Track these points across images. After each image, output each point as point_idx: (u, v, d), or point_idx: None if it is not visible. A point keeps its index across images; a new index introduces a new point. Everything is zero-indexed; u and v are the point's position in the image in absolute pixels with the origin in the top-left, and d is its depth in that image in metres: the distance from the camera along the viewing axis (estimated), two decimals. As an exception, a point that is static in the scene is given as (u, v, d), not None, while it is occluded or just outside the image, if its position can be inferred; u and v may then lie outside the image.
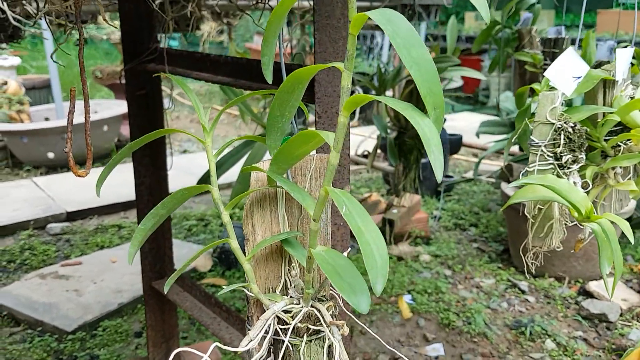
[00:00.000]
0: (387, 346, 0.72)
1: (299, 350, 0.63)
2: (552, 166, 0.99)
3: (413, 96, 2.60)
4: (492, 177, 4.11)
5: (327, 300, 0.66)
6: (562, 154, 0.98)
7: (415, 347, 2.17)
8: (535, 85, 1.09)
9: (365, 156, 4.51)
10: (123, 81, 1.63)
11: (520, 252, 1.04)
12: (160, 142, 1.71)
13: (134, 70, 1.59)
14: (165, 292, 0.63)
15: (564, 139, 0.98)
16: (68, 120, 0.60)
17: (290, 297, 0.65)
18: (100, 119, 4.41)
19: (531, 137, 1.01)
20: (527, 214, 1.03)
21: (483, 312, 2.36)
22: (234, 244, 0.62)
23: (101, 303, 2.45)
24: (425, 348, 2.16)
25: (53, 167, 4.45)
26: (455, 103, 7.19)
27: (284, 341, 0.63)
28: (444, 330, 2.27)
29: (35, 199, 3.67)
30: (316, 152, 0.67)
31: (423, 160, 3.50)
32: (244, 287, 0.63)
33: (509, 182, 2.82)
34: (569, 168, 0.99)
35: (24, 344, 2.19)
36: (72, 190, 3.82)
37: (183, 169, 4.12)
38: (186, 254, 2.91)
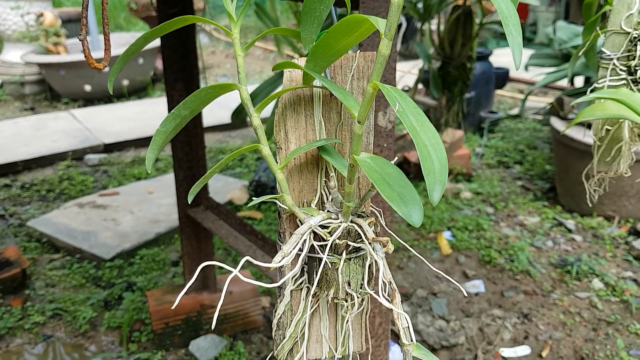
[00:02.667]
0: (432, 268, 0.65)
1: (337, 268, 0.56)
2: (624, 82, 0.88)
3: (460, 23, 2.44)
4: (539, 114, 3.93)
5: (368, 216, 0.58)
6: (637, 68, 0.87)
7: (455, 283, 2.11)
8: (607, -8, 0.96)
9: (406, 91, 4.36)
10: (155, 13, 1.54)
11: (583, 178, 0.94)
12: (193, 65, 1.63)
13: (164, -14, 1.50)
14: (189, 201, 0.57)
15: (641, 50, 0.86)
16: (83, 4, 0.52)
17: (328, 211, 0.58)
18: (136, 51, 4.35)
19: (602, 48, 0.90)
20: (592, 136, 0.92)
21: (526, 250, 2.28)
22: (265, 150, 0.55)
23: (138, 232, 2.45)
24: (465, 284, 2.11)
25: (90, 100, 4.45)
26: (501, 39, 6.88)
27: (320, 259, 0.56)
28: (484, 267, 2.20)
29: (73, 130, 3.68)
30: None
31: (467, 95, 3.35)
32: (276, 199, 0.56)
33: (559, 117, 2.67)
34: (644, 83, 0.87)
35: (63, 270, 2.22)
36: (109, 122, 3.82)
37: (218, 103, 4.05)
38: (222, 186, 2.89)
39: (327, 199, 0.59)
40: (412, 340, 0.54)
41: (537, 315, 1.91)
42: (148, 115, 3.96)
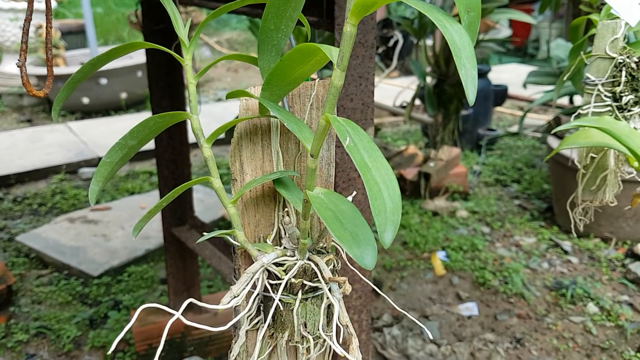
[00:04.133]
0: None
1: (292, 309, 0.53)
2: (609, 108, 0.85)
3: (455, 40, 2.42)
4: (538, 131, 3.90)
5: (328, 253, 0.55)
6: (622, 94, 0.84)
7: (448, 306, 2.07)
8: (593, 16, 0.94)
9: (404, 107, 4.34)
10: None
11: (568, 207, 0.90)
12: (179, 83, 1.61)
13: (151, 2, 1.48)
14: (134, 237, 0.54)
15: (626, 77, 0.83)
16: (24, 29, 0.49)
17: (284, 247, 0.55)
18: (134, 64, 4.35)
19: (587, 74, 0.87)
20: (577, 164, 0.89)
21: (521, 272, 2.24)
22: (217, 183, 0.52)
23: (128, 249, 2.42)
24: (458, 307, 2.06)
25: (88, 113, 4.43)
26: (503, 55, 6.87)
27: (274, 299, 0.53)
28: (478, 289, 2.16)
29: (69, 143, 3.66)
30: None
31: (463, 112, 3.32)
32: (227, 234, 0.53)
33: (556, 136, 2.63)
34: (629, 111, 0.84)
35: (50, 287, 2.19)
36: (105, 135, 3.80)
37: (217, 117, 4.04)
38: (215, 202, 2.86)
39: (285, 234, 0.56)
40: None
41: (530, 340, 1.86)
42: (145, 128, 3.93)
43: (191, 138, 1.68)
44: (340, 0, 0.84)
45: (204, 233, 0.55)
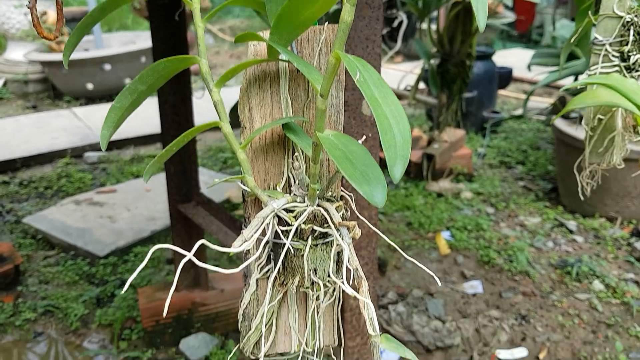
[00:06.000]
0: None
1: (302, 255, 0.53)
2: (617, 68, 0.85)
3: (459, 19, 2.41)
4: (542, 114, 3.89)
5: (337, 200, 0.55)
6: (630, 54, 0.83)
7: (452, 284, 2.07)
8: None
9: (408, 91, 4.33)
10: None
11: (575, 171, 0.90)
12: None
13: (154, -23, 1.48)
14: (145, 181, 0.54)
15: (634, 36, 0.83)
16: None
17: (294, 194, 0.55)
18: (138, 49, 4.34)
19: (594, 34, 0.86)
20: (584, 126, 0.89)
21: (526, 251, 2.24)
22: (226, 128, 0.52)
23: (134, 230, 2.43)
24: (462, 285, 2.07)
25: (92, 98, 4.44)
26: (507, 41, 6.83)
27: (285, 244, 0.53)
28: (483, 268, 2.16)
29: (74, 128, 3.67)
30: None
31: (468, 95, 3.31)
32: (237, 179, 0.54)
33: (561, 116, 2.62)
34: (637, 70, 0.84)
35: (57, 267, 2.20)
36: (110, 120, 3.80)
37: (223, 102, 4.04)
38: (221, 185, 2.86)
39: (294, 181, 0.56)
40: (377, 331, 0.51)
41: (535, 317, 1.87)
42: (148, 114, 3.92)
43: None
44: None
45: (216, 180, 0.55)
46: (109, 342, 1.79)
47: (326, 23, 0.55)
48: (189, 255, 0.48)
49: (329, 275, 0.55)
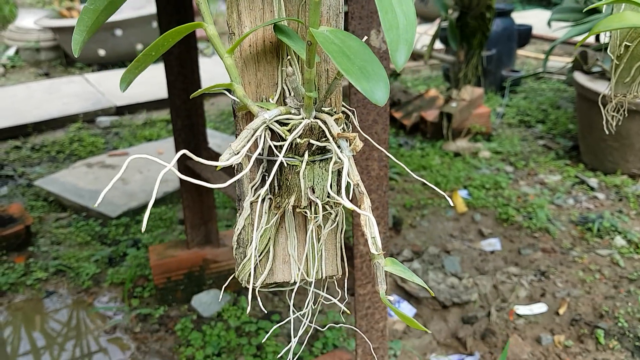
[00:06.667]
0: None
1: (298, 172, 0.49)
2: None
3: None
4: (562, 73, 3.77)
5: (337, 114, 0.50)
6: (662, -31, 0.76)
7: (470, 242, 2.02)
8: None
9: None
10: None
11: (599, 103, 0.84)
12: (188, 15, 1.55)
13: None
14: (122, 90, 0.50)
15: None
16: None
17: (289, 106, 0.50)
18: (149, 14, 4.28)
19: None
20: (610, 54, 0.82)
21: (546, 208, 2.17)
22: (210, 30, 0.47)
23: (146, 191, 2.41)
24: (480, 242, 2.02)
25: (104, 65, 4.40)
26: (527, 3, 6.64)
27: (280, 163, 0.48)
28: (501, 225, 2.11)
29: (86, 93, 3.64)
30: None
31: (487, 53, 3.21)
32: (224, 87, 0.49)
33: (583, 71, 2.52)
34: (670, -12, 0.77)
35: (68, 228, 2.19)
36: (122, 85, 3.77)
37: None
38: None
39: (289, 94, 0.51)
40: (380, 251, 0.46)
41: (555, 273, 1.81)
42: (160, 79, 3.88)
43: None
44: None
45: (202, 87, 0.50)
46: (121, 300, 1.78)
47: None
48: (169, 167, 0.43)
49: (328, 195, 0.51)
